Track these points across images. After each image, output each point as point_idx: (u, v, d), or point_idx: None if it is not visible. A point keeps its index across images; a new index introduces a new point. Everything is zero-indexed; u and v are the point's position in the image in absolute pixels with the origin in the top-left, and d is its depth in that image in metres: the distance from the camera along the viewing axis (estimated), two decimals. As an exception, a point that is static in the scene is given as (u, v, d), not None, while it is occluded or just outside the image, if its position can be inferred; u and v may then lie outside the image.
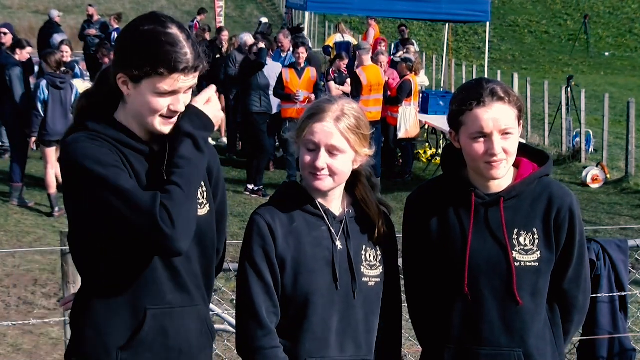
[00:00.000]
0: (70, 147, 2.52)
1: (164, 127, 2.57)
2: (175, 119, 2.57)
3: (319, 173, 2.71)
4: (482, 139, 2.74)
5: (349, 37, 19.96)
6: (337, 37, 19.99)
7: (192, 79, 2.55)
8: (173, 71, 2.48)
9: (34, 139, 10.21)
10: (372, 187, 2.89)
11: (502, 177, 2.81)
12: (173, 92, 2.52)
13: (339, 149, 2.71)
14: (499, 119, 2.73)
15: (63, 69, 10.39)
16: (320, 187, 2.75)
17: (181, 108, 2.55)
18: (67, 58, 11.91)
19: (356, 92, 12.08)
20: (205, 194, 2.73)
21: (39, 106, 10.07)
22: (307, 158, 2.73)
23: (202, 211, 2.69)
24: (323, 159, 2.71)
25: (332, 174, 2.73)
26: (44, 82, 10.14)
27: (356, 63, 12.67)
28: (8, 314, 7.05)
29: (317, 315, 2.73)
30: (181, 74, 2.49)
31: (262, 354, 2.68)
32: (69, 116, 9.93)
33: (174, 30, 2.51)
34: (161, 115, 2.54)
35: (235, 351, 2.80)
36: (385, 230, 2.87)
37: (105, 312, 2.58)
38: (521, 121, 2.82)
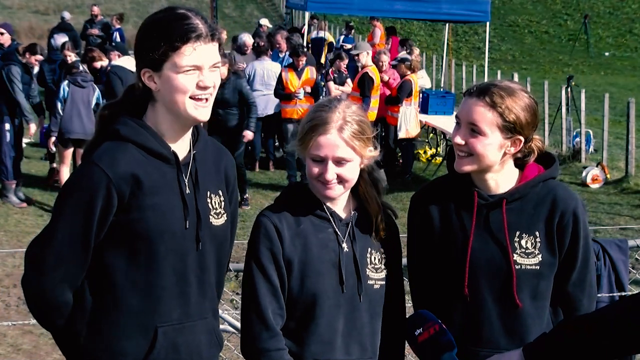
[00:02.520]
0: (85, 167, 2.54)
1: (197, 110, 2.54)
2: (209, 103, 2.56)
3: (329, 184, 2.72)
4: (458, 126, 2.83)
5: (324, 33, 20.02)
6: (313, 34, 20.01)
7: (213, 51, 2.54)
8: (187, 40, 2.48)
9: (53, 138, 10.32)
10: (373, 181, 2.87)
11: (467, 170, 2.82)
12: (196, 68, 2.51)
13: (346, 159, 2.71)
14: (469, 112, 2.77)
15: (85, 72, 10.59)
16: (331, 196, 2.75)
17: (209, 83, 2.53)
18: (71, 59, 11.91)
19: (368, 92, 12.07)
20: (223, 203, 2.72)
21: (59, 106, 10.19)
22: (315, 170, 2.72)
23: (220, 221, 2.70)
24: (332, 171, 2.70)
25: (341, 181, 2.73)
26: (65, 82, 10.34)
27: (359, 63, 12.65)
28: (8, 314, 7.04)
29: (323, 317, 2.73)
30: (196, 42, 2.49)
31: (268, 355, 2.68)
32: (90, 116, 10.03)
33: (182, 10, 2.55)
34: (192, 97, 2.52)
35: (235, 351, 2.80)
36: (384, 228, 2.85)
37: (115, 334, 2.57)
38: (515, 135, 2.79)
